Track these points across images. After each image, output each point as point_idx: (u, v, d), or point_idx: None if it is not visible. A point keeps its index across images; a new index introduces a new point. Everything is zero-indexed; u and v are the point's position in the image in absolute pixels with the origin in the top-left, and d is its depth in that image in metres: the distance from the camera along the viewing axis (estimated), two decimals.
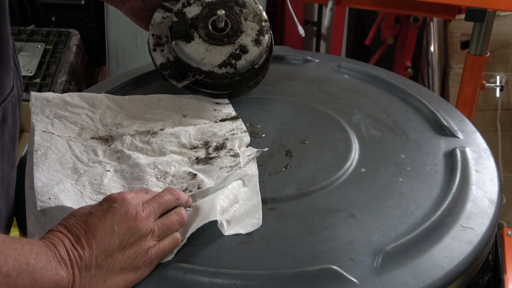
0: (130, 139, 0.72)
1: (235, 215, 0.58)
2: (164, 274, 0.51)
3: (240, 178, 0.64)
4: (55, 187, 0.60)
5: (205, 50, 0.79)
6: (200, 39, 0.79)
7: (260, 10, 0.83)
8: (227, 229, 0.56)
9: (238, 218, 0.58)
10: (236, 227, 0.57)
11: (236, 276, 0.50)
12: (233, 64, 0.79)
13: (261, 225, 0.58)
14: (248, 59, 0.80)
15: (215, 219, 0.55)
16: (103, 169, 0.66)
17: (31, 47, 1.85)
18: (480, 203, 0.62)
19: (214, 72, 0.80)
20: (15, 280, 0.42)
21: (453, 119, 0.80)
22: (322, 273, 0.50)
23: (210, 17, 0.81)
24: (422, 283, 0.50)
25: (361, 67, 0.95)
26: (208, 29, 0.80)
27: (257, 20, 0.82)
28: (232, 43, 0.80)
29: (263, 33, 0.82)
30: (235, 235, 0.56)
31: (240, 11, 0.81)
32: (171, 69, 0.81)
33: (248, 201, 0.61)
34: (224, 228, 0.56)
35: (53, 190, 0.59)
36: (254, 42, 0.81)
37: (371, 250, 0.54)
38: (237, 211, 0.59)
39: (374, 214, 0.60)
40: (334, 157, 0.70)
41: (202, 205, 0.58)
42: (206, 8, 0.81)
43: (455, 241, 0.56)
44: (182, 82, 0.81)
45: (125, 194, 0.52)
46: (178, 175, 0.65)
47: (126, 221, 0.50)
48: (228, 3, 0.82)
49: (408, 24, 1.74)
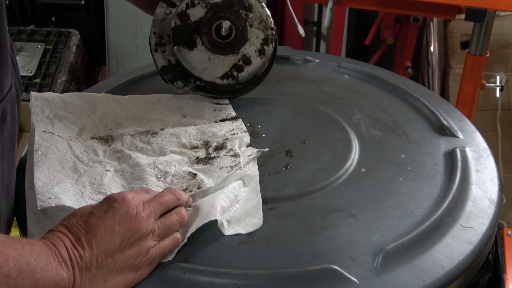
0: (130, 139, 0.72)
1: (235, 215, 0.58)
2: (165, 274, 0.51)
3: (241, 178, 0.64)
4: (56, 186, 0.60)
5: (207, 59, 0.78)
6: (203, 46, 0.78)
7: (266, 15, 0.79)
8: (228, 229, 0.56)
9: (239, 218, 0.58)
10: (237, 227, 0.57)
11: (236, 276, 0.50)
12: (235, 76, 0.79)
13: (261, 225, 0.58)
14: (250, 71, 0.79)
15: (215, 218, 0.55)
16: (103, 169, 0.66)
17: (31, 47, 1.84)
18: (480, 202, 0.62)
19: (215, 83, 0.79)
20: (15, 280, 0.42)
21: (453, 119, 0.80)
22: (323, 272, 0.50)
23: (215, 21, 0.78)
24: (422, 283, 0.50)
25: (361, 67, 0.95)
26: (211, 36, 0.78)
27: (262, 28, 0.79)
28: (235, 53, 0.79)
29: (267, 43, 0.79)
30: (235, 235, 0.56)
31: (246, 16, 0.79)
32: (172, 73, 0.80)
33: (249, 201, 0.61)
34: (224, 228, 0.56)
35: (53, 189, 0.59)
36: (258, 52, 0.79)
37: (371, 250, 0.54)
38: (237, 211, 0.59)
39: (375, 213, 0.60)
40: (334, 157, 0.70)
41: (202, 205, 0.58)
42: (211, 10, 0.78)
43: (455, 241, 0.55)
44: (183, 88, 0.80)
45: (125, 194, 0.52)
46: (178, 175, 0.65)
47: (126, 221, 0.50)
48: (234, 6, 0.78)
49: (408, 24, 1.74)
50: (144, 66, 0.99)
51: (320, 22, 2.07)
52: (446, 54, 1.89)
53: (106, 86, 0.88)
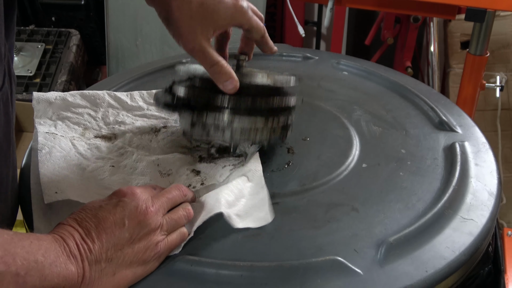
0: (133, 137, 0.73)
1: (244, 209, 0.58)
2: (172, 266, 0.52)
3: (244, 174, 0.64)
4: (61, 182, 0.60)
5: None
6: None
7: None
8: (237, 222, 0.56)
9: (247, 212, 0.58)
10: (246, 220, 0.57)
11: (242, 268, 0.51)
12: None
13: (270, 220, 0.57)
14: None
15: (220, 211, 0.55)
16: (107, 164, 0.66)
17: (31, 47, 1.84)
18: (479, 195, 0.62)
19: None
20: (24, 278, 0.42)
21: (451, 114, 0.80)
22: (327, 264, 0.51)
23: None
24: (424, 273, 0.51)
25: (360, 64, 0.95)
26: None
27: None
28: None
29: None
30: (240, 229, 0.56)
31: None
32: None
33: (255, 195, 0.61)
34: (234, 220, 0.56)
35: (59, 184, 0.60)
36: None
37: (374, 242, 0.54)
38: (245, 205, 0.59)
39: (376, 207, 0.60)
40: (335, 153, 0.71)
41: (207, 199, 0.59)
42: None
43: (456, 232, 0.56)
44: None
45: (134, 189, 0.53)
46: (181, 172, 0.66)
47: (136, 216, 0.50)
48: None
49: (408, 24, 1.74)
50: (145, 64, 1.00)
51: (320, 22, 2.07)
52: (446, 54, 1.89)
53: (107, 85, 0.88)
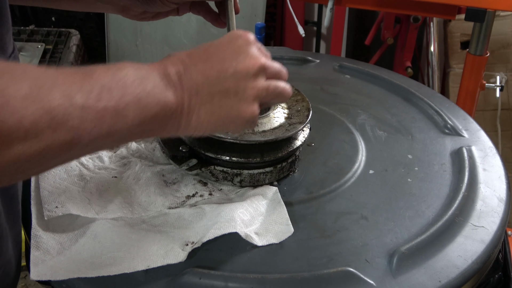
0: (136, 145, 0.72)
1: (263, 226, 0.58)
2: (181, 279, 0.51)
3: (258, 193, 0.62)
4: (62, 195, 0.59)
5: None
6: None
7: None
8: (259, 240, 0.55)
9: (267, 228, 0.57)
10: (267, 236, 0.56)
11: (253, 280, 0.50)
12: None
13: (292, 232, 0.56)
14: None
15: (235, 231, 0.54)
16: (109, 175, 0.65)
17: (31, 47, 1.83)
18: (489, 201, 0.62)
19: None
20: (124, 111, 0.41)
21: (457, 118, 0.80)
22: (339, 275, 0.50)
23: None
24: (438, 283, 0.50)
25: (362, 67, 0.95)
26: None
27: None
28: None
29: None
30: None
31: None
32: None
33: (273, 211, 0.60)
34: (254, 240, 0.55)
35: (59, 198, 0.59)
36: None
37: (385, 252, 0.54)
38: (264, 222, 0.58)
39: (386, 215, 0.60)
40: (341, 159, 0.70)
41: (221, 214, 0.57)
42: None
43: (467, 240, 0.56)
44: None
45: (248, 35, 0.51)
46: (187, 181, 0.65)
47: (245, 59, 0.49)
48: None
49: (408, 24, 1.74)
50: None
51: (320, 22, 2.07)
52: (446, 54, 1.89)
53: None
